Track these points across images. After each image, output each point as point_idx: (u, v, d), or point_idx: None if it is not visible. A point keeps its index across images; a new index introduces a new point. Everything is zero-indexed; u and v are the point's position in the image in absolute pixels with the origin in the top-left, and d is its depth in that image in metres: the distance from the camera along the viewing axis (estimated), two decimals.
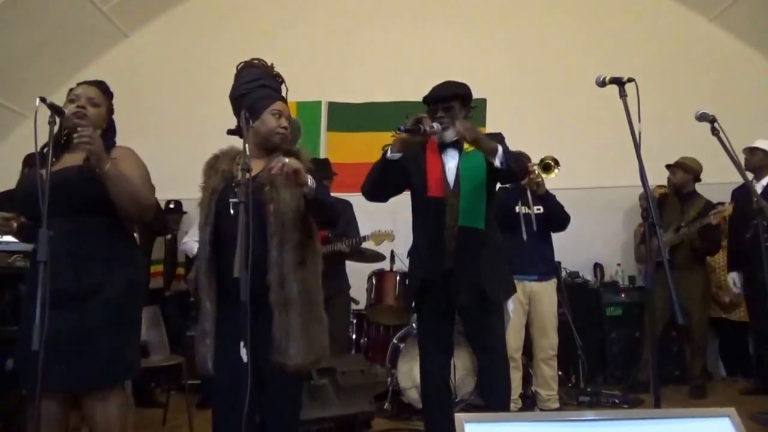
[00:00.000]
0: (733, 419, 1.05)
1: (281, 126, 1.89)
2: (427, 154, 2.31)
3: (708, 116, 1.97)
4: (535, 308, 3.25)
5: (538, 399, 3.28)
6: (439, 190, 2.24)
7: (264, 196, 1.79)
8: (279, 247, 1.77)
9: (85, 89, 1.94)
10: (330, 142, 4.98)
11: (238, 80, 1.94)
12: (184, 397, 3.04)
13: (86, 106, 1.90)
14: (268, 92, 1.91)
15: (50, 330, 1.47)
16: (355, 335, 3.94)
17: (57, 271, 1.61)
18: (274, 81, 1.97)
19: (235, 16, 5.18)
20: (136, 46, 5.24)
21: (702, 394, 3.69)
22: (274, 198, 1.80)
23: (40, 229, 1.51)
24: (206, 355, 1.77)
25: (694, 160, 3.88)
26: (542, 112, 4.84)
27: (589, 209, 4.26)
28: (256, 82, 1.90)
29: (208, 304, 1.80)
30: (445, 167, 2.28)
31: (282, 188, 1.81)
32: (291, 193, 1.82)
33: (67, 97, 1.93)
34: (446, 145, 2.30)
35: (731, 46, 4.85)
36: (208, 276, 1.81)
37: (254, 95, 1.88)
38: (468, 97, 2.33)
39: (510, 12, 5.08)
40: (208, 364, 1.77)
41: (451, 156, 2.31)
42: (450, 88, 2.32)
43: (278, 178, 1.77)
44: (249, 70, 1.94)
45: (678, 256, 3.76)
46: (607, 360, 4.18)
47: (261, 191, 1.79)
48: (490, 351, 2.27)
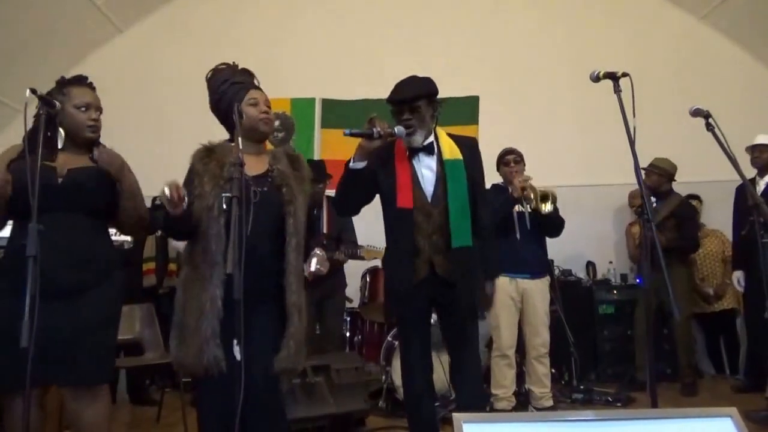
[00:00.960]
0: (734, 419, 1.04)
1: (261, 112, 1.88)
2: (395, 161, 2.16)
3: (702, 111, 1.97)
4: (527, 306, 3.26)
5: (532, 397, 3.28)
6: (408, 201, 2.10)
7: (282, 198, 1.82)
8: (297, 250, 1.80)
9: (93, 96, 1.91)
10: (324, 139, 4.98)
11: (210, 90, 1.95)
12: (179, 395, 3.01)
13: (98, 118, 1.91)
14: (238, 87, 1.92)
15: (42, 325, 1.46)
16: (349, 333, 3.94)
17: (52, 265, 1.62)
18: (243, 75, 1.97)
19: (230, 14, 5.15)
20: (130, 41, 5.18)
21: (693, 392, 3.72)
22: (293, 202, 1.83)
23: (30, 224, 1.50)
24: (219, 355, 1.69)
25: (666, 161, 3.94)
26: (534, 110, 4.86)
27: (581, 207, 4.28)
28: (225, 84, 1.92)
29: (219, 302, 1.73)
30: (417, 175, 2.15)
31: (299, 194, 1.85)
32: (303, 199, 1.87)
33: (58, 90, 1.89)
34: (417, 150, 2.17)
35: (720, 45, 4.89)
36: (220, 271, 1.73)
37: (227, 96, 1.90)
38: (434, 93, 2.18)
39: (502, 10, 5.09)
40: (221, 364, 1.69)
41: (424, 163, 2.17)
42: (414, 87, 2.15)
43: (291, 181, 1.85)
44: (216, 77, 1.96)
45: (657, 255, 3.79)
46: (600, 358, 4.20)
47: (278, 192, 1.83)
48: (465, 365, 2.17)
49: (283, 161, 1.92)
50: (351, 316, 3.95)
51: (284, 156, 1.95)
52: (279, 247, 1.81)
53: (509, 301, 3.23)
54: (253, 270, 1.63)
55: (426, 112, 2.15)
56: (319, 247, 1.92)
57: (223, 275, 1.73)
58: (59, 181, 1.78)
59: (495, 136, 4.36)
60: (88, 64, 4.92)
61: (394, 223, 2.17)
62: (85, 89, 1.92)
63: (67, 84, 1.91)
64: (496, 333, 3.25)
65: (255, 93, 1.91)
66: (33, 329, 1.41)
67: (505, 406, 3.19)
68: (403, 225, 2.12)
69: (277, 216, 1.81)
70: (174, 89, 4.94)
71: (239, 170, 1.60)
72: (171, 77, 4.99)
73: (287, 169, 1.90)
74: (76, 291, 1.77)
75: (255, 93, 1.91)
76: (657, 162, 3.93)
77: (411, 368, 2.20)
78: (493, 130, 4.62)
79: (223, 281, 1.73)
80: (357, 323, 3.97)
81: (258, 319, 1.73)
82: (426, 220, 2.11)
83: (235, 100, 1.87)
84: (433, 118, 2.20)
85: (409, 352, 2.21)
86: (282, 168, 1.89)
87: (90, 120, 1.87)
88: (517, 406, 3.27)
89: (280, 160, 1.92)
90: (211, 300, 1.73)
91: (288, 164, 1.92)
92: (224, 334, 1.72)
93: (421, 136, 2.15)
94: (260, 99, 1.90)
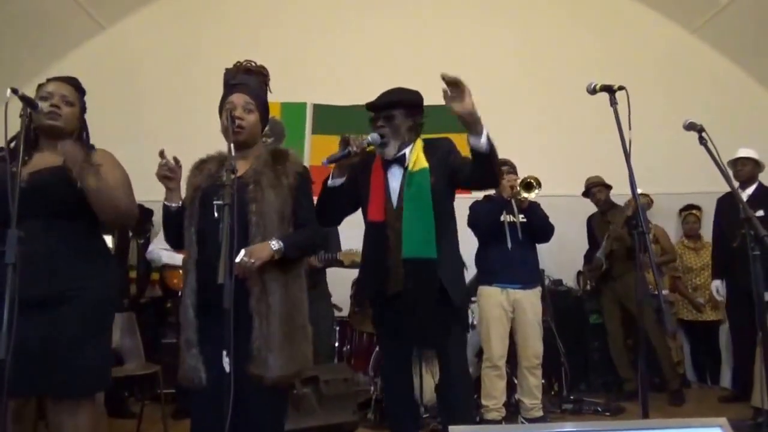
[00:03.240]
0: (724, 430, 1.05)
1: (225, 119, 1.80)
2: (372, 172, 2.13)
3: (696, 126, 1.98)
4: (519, 317, 3.23)
5: (522, 408, 3.25)
6: (380, 214, 2.07)
7: (247, 195, 1.74)
8: None
9: (57, 86, 1.83)
10: (315, 145, 4.92)
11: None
12: (159, 407, 2.93)
13: (60, 105, 1.80)
14: (229, 91, 1.89)
15: (19, 335, 1.39)
16: (338, 343, 3.87)
17: (30, 274, 1.54)
18: (244, 76, 1.93)
19: (217, 14, 5.07)
20: (113, 38, 5.05)
21: (681, 400, 3.73)
22: (257, 198, 1.75)
23: (9, 230, 1.43)
24: (197, 365, 1.69)
25: (599, 177, 4.11)
26: (522, 120, 4.85)
27: (572, 217, 4.27)
28: (225, 87, 1.91)
29: (191, 310, 1.72)
30: (388, 187, 2.12)
31: (267, 188, 1.76)
32: (275, 193, 1.78)
33: (37, 93, 1.82)
34: (390, 162, 2.13)
35: (713, 59, 4.95)
36: (192, 280, 1.74)
37: (222, 100, 1.89)
38: (415, 104, 2.15)
39: (499, 19, 5.11)
40: (200, 374, 1.69)
41: (394, 175, 2.13)
42: (391, 95, 2.13)
43: (263, 180, 1.76)
44: (225, 78, 1.94)
45: (615, 264, 3.90)
46: (590, 368, 4.19)
47: (244, 190, 1.74)
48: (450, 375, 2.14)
49: (262, 159, 1.85)
50: (340, 326, 3.89)
51: (267, 155, 1.87)
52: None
53: (500, 312, 3.20)
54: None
55: (402, 123, 2.11)
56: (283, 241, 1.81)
57: (194, 284, 1.73)
58: (21, 186, 1.63)
59: None
60: (69, 61, 4.80)
61: (367, 236, 2.15)
62: (54, 82, 1.84)
63: (45, 83, 1.85)
64: (487, 343, 3.22)
65: (234, 97, 1.85)
66: (11, 340, 1.34)
67: (495, 417, 3.16)
68: (374, 238, 2.10)
69: (244, 217, 1.73)
70: (159, 89, 4.85)
71: (230, 177, 1.56)
72: (156, 77, 4.89)
73: (264, 167, 1.82)
74: (53, 300, 1.69)
75: (234, 97, 1.85)
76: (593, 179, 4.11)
77: (387, 379, 2.19)
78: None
79: (195, 290, 1.72)
80: (346, 333, 3.91)
81: (239, 328, 1.67)
82: (393, 233, 2.07)
83: (221, 107, 1.86)
84: (411, 130, 2.16)
85: (386, 365, 2.21)
86: (257, 167, 1.82)
87: (49, 106, 1.76)
88: (507, 416, 3.23)
89: (259, 160, 1.85)
90: (185, 310, 1.72)
91: (269, 161, 1.84)
92: (204, 343, 1.69)
93: (393, 147, 2.10)
94: (237, 103, 1.84)
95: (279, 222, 1.77)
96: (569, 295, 4.40)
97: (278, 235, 1.75)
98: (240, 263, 1.64)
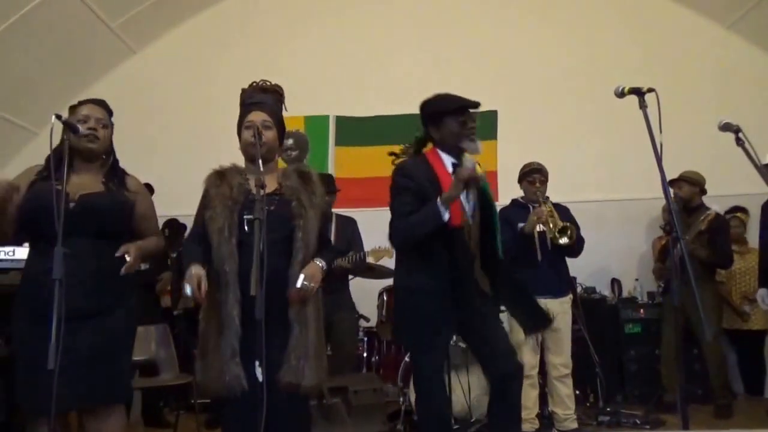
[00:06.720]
0: None
1: (251, 136, 1.87)
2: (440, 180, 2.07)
3: (732, 126, 1.89)
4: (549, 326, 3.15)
5: (555, 419, 3.17)
6: (458, 218, 2.02)
7: (291, 213, 1.82)
8: (302, 264, 1.79)
9: (92, 109, 1.93)
10: (338, 157, 4.95)
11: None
12: (193, 417, 2.98)
13: (97, 128, 1.90)
14: (246, 110, 1.94)
15: (67, 347, 1.50)
16: (366, 353, 3.86)
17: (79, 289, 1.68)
18: (261, 95, 1.98)
19: (242, 32, 5.21)
20: (144, 62, 5.27)
21: (728, 414, 3.55)
22: (303, 215, 1.82)
23: (56, 247, 1.53)
24: (239, 374, 1.71)
25: (696, 173, 3.79)
26: (554, 124, 4.78)
27: (604, 222, 4.17)
28: (242, 107, 1.97)
29: (237, 321, 1.74)
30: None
31: (309, 208, 1.84)
32: (315, 213, 1.85)
33: (72, 114, 1.94)
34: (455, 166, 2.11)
35: (748, 54, 4.77)
36: (235, 291, 1.76)
37: (240, 118, 1.95)
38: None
39: (520, 23, 5.05)
40: (242, 382, 1.71)
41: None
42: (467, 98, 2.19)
43: (301, 196, 1.85)
44: (242, 98, 2.00)
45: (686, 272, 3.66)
46: (626, 378, 4.05)
47: (288, 207, 1.82)
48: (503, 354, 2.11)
49: (292, 177, 1.92)
50: (368, 336, 3.87)
51: (294, 173, 1.94)
52: (290, 263, 1.81)
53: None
54: (268, 288, 1.63)
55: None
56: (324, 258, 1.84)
57: (239, 295, 1.74)
58: (71, 206, 1.78)
59: (514, 150, 4.31)
60: (103, 85, 5.02)
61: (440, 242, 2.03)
62: (88, 105, 1.95)
63: (78, 105, 1.96)
64: (518, 353, 3.14)
65: (253, 115, 1.90)
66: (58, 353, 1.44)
67: (528, 428, 3.09)
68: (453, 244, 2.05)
69: (287, 232, 1.80)
70: (188, 108, 5.00)
71: (260, 192, 1.64)
72: (184, 97, 5.04)
73: (297, 185, 1.90)
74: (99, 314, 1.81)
75: (253, 115, 1.90)
76: (686, 173, 3.77)
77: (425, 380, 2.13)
78: (512, 145, 4.57)
79: (239, 301, 1.74)
80: (374, 343, 3.89)
81: (277, 338, 1.73)
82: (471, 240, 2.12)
83: (240, 125, 1.93)
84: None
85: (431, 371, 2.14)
86: (291, 184, 1.89)
87: (87, 129, 1.86)
88: (540, 428, 3.17)
89: (289, 177, 1.92)
90: (229, 320, 1.74)
91: (298, 180, 1.92)
92: (243, 353, 1.72)
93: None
94: (256, 121, 1.88)
95: (316, 239, 1.86)
96: (603, 303, 4.27)
97: (315, 253, 1.84)
98: (303, 288, 1.73)
